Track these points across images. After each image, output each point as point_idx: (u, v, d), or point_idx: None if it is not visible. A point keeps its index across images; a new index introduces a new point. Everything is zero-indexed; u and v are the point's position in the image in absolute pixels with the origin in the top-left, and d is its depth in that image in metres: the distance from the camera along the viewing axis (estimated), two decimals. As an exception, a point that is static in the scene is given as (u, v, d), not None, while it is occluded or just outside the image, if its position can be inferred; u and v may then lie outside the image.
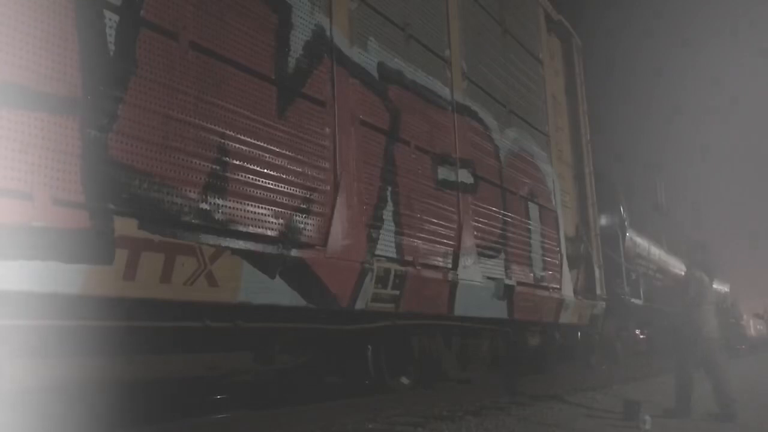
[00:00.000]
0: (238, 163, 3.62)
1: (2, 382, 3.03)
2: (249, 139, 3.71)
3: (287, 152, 3.96)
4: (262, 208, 3.72)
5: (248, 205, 3.64)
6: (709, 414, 5.28)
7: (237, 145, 3.63)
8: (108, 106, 2.98)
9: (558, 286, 7.44)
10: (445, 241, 5.42)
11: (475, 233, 5.86)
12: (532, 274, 6.86)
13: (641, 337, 13.78)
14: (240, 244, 3.53)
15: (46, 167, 2.69)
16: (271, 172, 3.83)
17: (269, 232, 3.74)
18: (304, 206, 4.04)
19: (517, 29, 7.47)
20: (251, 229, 3.63)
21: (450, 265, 5.43)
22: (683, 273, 6.81)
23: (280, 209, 3.85)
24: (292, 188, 3.96)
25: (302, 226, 4.00)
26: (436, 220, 5.34)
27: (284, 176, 3.92)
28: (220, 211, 3.46)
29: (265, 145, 3.82)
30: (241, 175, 3.63)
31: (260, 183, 3.74)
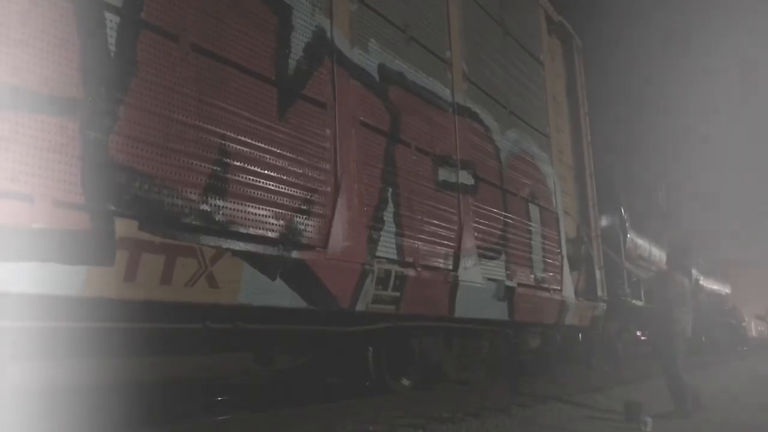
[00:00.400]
0: (238, 164, 3.62)
1: (3, 382, 3.04)
2: (250, 141, 3.71)
3: (288, 154, 3.96)
4: (262, 209, 3.73)
5: (249, 206, 3.64)
6: (660, 415, 5.25)
7: (238, 147, 3.63)
8: (109, 108, 2.98)
9: (559, 288, 7.43)
10: (445, 242, 5.41)
11: (476, 234, 5.85)
12: (532, 276, 6.86)
13: (642, 338, 13.75)
14: (240, 246, 3.53)
15: (46, 169, 2.69)
16: (272, 174, 3.83)
17: (270, 234, 3.74)
18: (305, 208, 4.04)
19: (518, 30, 7.47)
20: (252, 231, 3.63)
21: (451, 267, 5.42)
22: (663, 274, 6.83)
23: (280, 211, 3.85)
24: (292, 190, 3.96)
25: (303, 227, 4.00)
26: (436, 222, 5.34)
27: (285, 178, 3.92)
28: (220, 212, 3.47)
29: (266, 146, 3.82)
30: (242, 177, 3.63)
31: (261, 184, 3.74)
